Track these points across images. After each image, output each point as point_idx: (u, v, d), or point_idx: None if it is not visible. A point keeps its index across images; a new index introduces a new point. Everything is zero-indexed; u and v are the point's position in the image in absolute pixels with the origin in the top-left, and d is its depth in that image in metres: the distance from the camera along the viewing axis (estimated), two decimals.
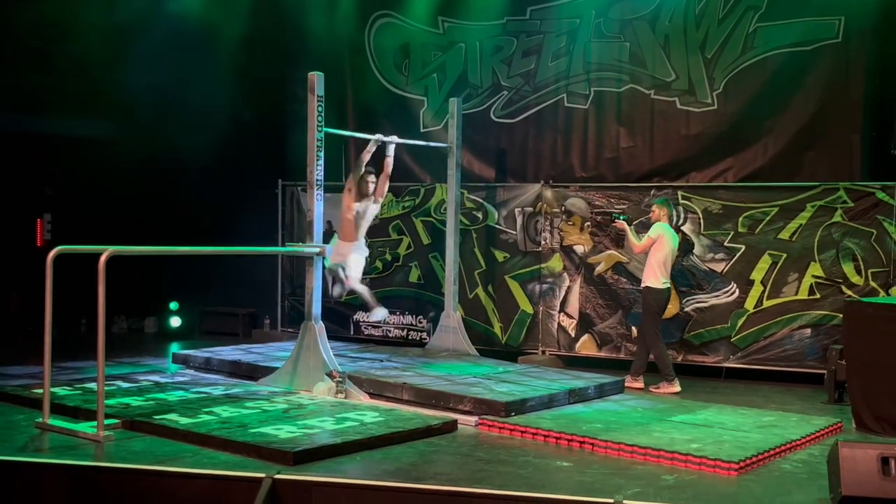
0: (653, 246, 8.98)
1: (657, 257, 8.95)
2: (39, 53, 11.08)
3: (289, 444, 6.20)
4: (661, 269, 8.95)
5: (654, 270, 8.97)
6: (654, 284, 8.98)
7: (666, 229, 9.05)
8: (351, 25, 12.02)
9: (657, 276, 8.96)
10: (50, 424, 6.78)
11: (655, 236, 8.97)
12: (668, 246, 8.99)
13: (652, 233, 9.02)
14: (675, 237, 9.18)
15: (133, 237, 9.33)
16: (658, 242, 8.96)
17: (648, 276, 9.02)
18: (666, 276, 9.01)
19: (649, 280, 9.01)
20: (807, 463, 6.39)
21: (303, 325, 8.51)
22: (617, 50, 10.59)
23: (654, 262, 8.96)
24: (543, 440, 6.85)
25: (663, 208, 9.17)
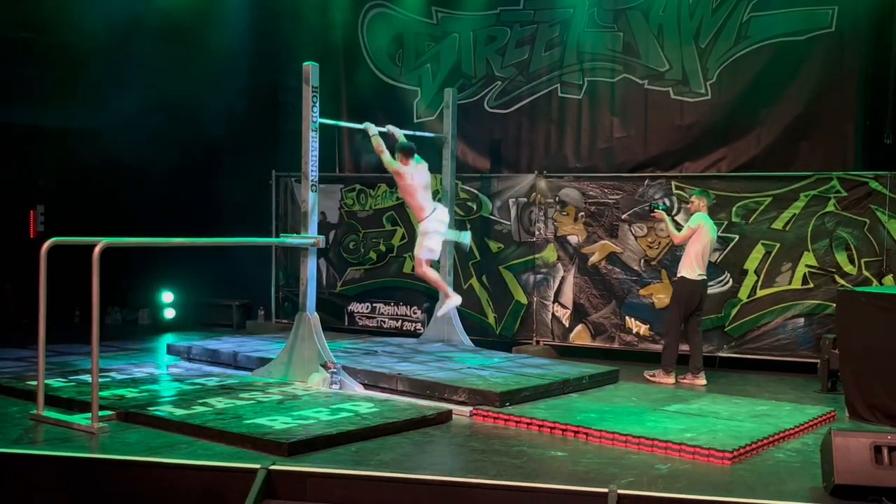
0: (692, 237, 8.84)
1: (696, 248, 8.81)
2: (32, 44, 11.03)
3: (283, 435, 6.20)
4: (698, 260, 8.80)
5: (690, 261, 8.82)
6: (689, 275, 8.82)
7: (706, 220, 8.90)
8: (344, 16, 11.98)
9: (693, 267, 8.80)
10: (44, 416, 6.77)
11: (696, 227, 8.82)
12: (707, 237, 8.85)
13: (692, 223, 8.88)
14: (714, 228, 9.01)
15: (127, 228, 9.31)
16: (698, 233, 8.81)
17: (684, 267, 8.86)
18: (702, 268, 8.84)
19: (684, 270, 8.85)
20: (800, 452, 6.42)
21: (297, 316, 8.51)
22: (611, 40, 10.58)
23: (693, 253, 8.81)
24: (538, 430, 6.86)
25: (702, 199, 9.01)
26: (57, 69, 11.16)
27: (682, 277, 8.88)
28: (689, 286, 8.84)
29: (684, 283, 8.87)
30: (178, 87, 11.34)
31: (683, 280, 8.88)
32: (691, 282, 8.84)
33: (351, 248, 11.82)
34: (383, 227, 11.63)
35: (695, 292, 8.86)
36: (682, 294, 8.89)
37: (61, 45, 11.03)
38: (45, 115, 11.77)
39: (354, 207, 11.80)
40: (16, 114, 11.56)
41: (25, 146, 11.83)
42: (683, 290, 8.88)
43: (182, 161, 12.05)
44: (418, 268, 9.15)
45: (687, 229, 8.90)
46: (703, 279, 8.92)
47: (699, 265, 8.82)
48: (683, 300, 8.88)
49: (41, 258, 6.71)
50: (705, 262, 8.88)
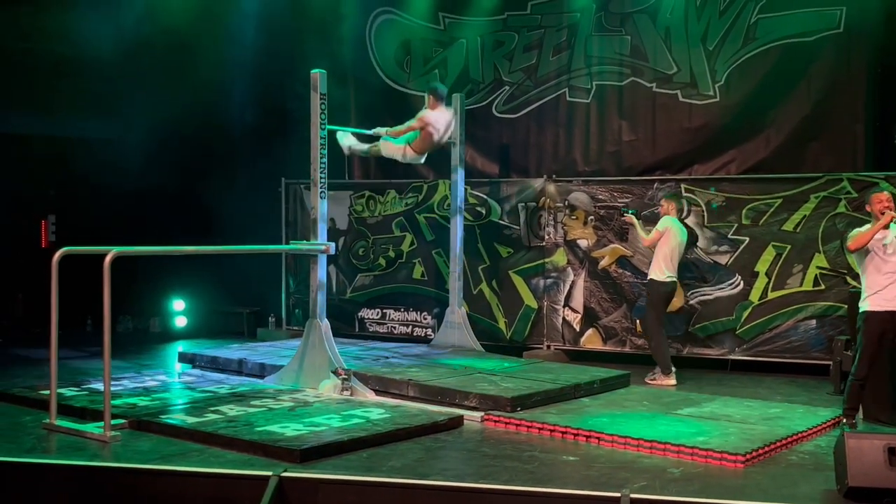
0: (660, 239, 9.00)
1: (664, 250, 8.98)
2: (43, 55, 11.09)
3: (295, 442, 6.21)
4: (666, 262, 8.98)
5: (659, 263, 9.00)
6: (658, 277, 9.01)
7: (674, 223, 9.08)
8: (352, 23, 12.01)
9: (662, 269, 8.99)
10: (57, 425, 6.79)
11: (663, 229, 9.00)
12: (675, 239, 9.02)
13: (660, 226, 9.04)
14: (683, 231, 9.19)
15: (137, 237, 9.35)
16: (665, 236, 8.98)
17: (653, 269, 9.07)
18: (672, 270, 9.03)
19: (654, 272, 9.05)
20: (813, 454, 6.39)
21: (308, 323, 8.52)
22: (618, 43, 10.58)
23: (661, 255, 8.99)
24: (549, 435, 6.85)
25: (672, 202, 9.23)
26: (68, 80, 11.22)
27: (652, 280, 9.10)
28: (659, 287, 9.04)
29: (654, 284, 9.09)
30: (188, 97, 11.39)
31: (653, 282, 9.09)
32: (661, 283, 9.03)
33: (360, 254, 11.84)
34: (392, 233, 11.64)
35: (665, 293, 9.09)
36: (655, 296, 9.10)
37: (73, 57, 11.09)
38: (56, 126, 11.84)
39: (364, 214, 11.81)
40: (26, 124, 11.64)
41: (36, 156, 11.90)
42: (655, 292, 9.09)
43: (192, 170, 12.11)
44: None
45: (654, 232, 9.08)
46: (673, 280, 9.11)
47: (668, 267, 9.01)
48: (656, 301, 9.09)
49: (53, 268, 6.75)
50: (675, 264, 9.07)
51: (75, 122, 11.96)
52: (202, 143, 12.09)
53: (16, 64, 11.02)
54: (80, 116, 11.91)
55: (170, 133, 11.79)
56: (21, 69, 11.08)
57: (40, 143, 11.83)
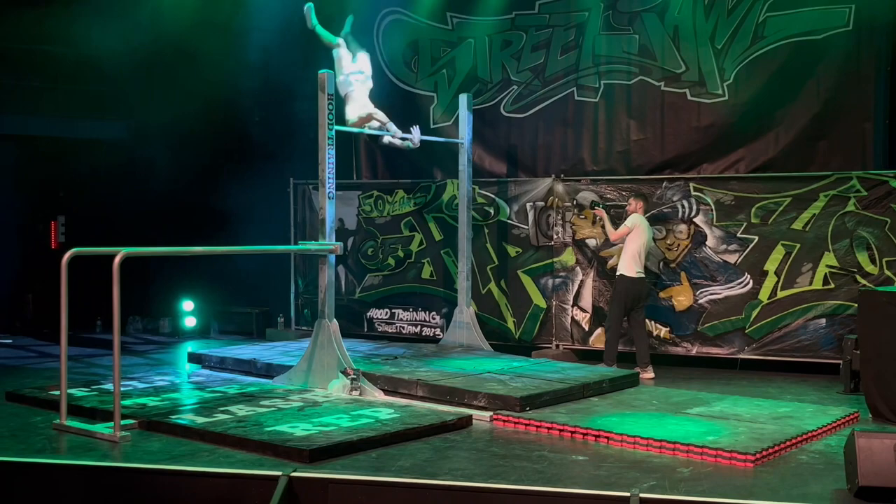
0: (629, 236, 9.30)
1: (633, 247, 9.30)
2: (54, 58, 11.14)
3: (304, 442, 6.22)
4: (635, 259, 9.30)
5: (629, 260, 9.32)
6: (628, 273, 9.32)
7: (641, 220, 9.37)
8: (359, 23, 12.00)
9: (631, 266, 9.30)
10: (67, 426, 6.82)
11: (631, 225, 9.35)
12: (643, 237, 9.33)
13: (628, 222, 9.39)
14: (649, 229, 9.47)
15: (147, 238, 9.37)
16: (635, 232, 9.30)
17: (623, 265, 9.37)
18: (640, 267, 9.33)
19: (624, 268, 9.36)
20: (823, 454, 6.37)
21: (317, 323, 8.53)
22: (626, 42, 10.56)
23: (631, 252, 9.32)
24: (558, 434, 6.85)
25: (639, 201, 9.56)
26: (78, 82, 11.28)
27: (622, 275, 9.39)
28: (627, 283, 9.31)
29: (623, 280, 9.34)
30: (197, 99, 11.43)
31: (623, 278, 9.35)
32: (630, 279, 9.29)
33: (369, 254, 11.85)
34: (401, 232, 11.64)
35: (633, 289, 9.32)
36: (621, 291, 9.36)
37: (83, 59, 11.15)
38: (66, 127, 11.89)
39: (372, 214, 11.82)
40: (36, 126, 11.69)
41: (46, 158, 11.95)
42: (623, 288, 9.35)
43: (201, 171, 12.15)
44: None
45: (623, 227, 9.42)
46: (642, 277, 9.36)
47: (637, 264, 9.29)
48: (623, 297, 9.35)
49: (62, 269, 6.77)
50: (642, 260, 9.37)
51: (85, 124, 12.01)
52: (211, 144, 12.13)
53: (25, 66, 11.07)
54: (90, 118, 11.97)
55: (179, 134, 11.83)
56: (31, 71, 11.13)
57: (50, 144, 11.88)
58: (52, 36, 10.68)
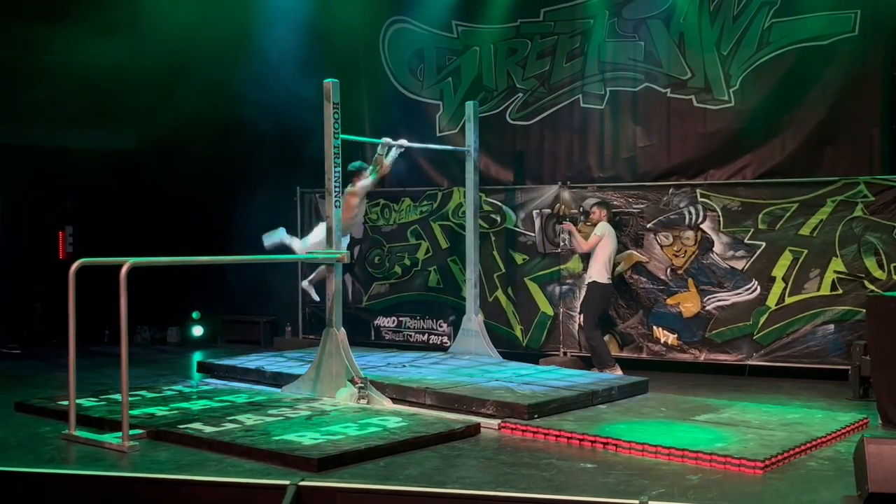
0: (599, 244, 9.59)
1: (604, 254, 9.63)
2: (60, 67, 11.18)
3: (312, 451, 6.21)
4: (606, 266, 9.63)
5: (600, 267, 9.62)
6: (600, 279, 9.64)
7: (610, 228, 9.73)
8: (365, 32, 12.06)
9: (602, 273, 9.62)
10: (76, 436, 6.83)
11: (602, 234, 9.64)
12: (612, 244, 9.69)
13: (598, 231, 9.71)
14: (615, 237, 9.79)
15: (154, 248, 9.40)
16: (605, 240, 9.60)
17: (595, 272, 9.66)
18: (610, 273, 9.64)
19: (596, 275, 9.65)
20: (833, 460, 6.35)
21: (324, 332, 8.53)
22: (631, 49, 10.57)
23: (602, 259, 9.62)
24: (567, 442, 6.83)
25: (603, 210, 9.88)
26: (85, 92, 11.31)
27: (595, 282, 9.69)
28: (601, 290, 9.68)
29: (597, 287, 9.69)
30: (204, 108, 11.45)
31: (596, 284, 9.69)
32: (603, 286, 9.68)
33: (376, 262, 11.86)
34: (408, 241, 11.65)
35: (606, 295, 9.76)
36: (596, 297, 9.71)
37: (89, 69, 11.18)
38: (73, 137, 11.92)
39: (379, 222, 11.83)
40: (44, 136, 11.73)
41: (54, 168, 11.99)
42: (596, 294, 9.69)
43: (207, 180, 12.17)
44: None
45: (594, 237, 9.73)
46: (611, 283, 9.78)
47: (607, 270, 9.67)
48: (598, 302, 9.73)
49: (70, 279, 6.79)
50: (611, 267, 9.71)
51: (93, 134, 12.04)
52: (217, 153, 12.15)
53: (32, 76, 11.11)
54: (98, 128, 12.00)
55: (186, 144, 11.85)
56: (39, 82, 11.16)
57: (58, 154, 11.92)
58: (60, 47, 10.72)
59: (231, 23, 11.50)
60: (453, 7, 11.49)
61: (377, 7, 11.94)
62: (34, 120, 11.43)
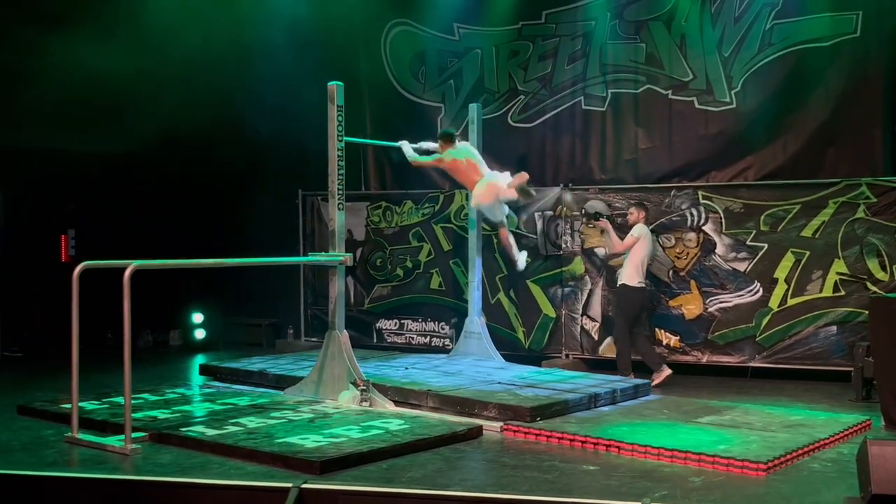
0: (634, 246, 9.31)
1: (638, 257, 9.34)
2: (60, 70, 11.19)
3: (315, 454, 6.22)
4: (638, 269, 9.33)
5: (632, 270, 9.34)
6: (630, 283, 9.35)
7: (647, 231, 9.43)
8: (367, 34, 12.07)
9: (633, 276, 9.33)
10: (79, 439, 6.83)
11: (638, 235, 9.36)
12: (647, 247, 9.38)
13: (634, 232, 9.41)
14: (653, 240, 9.55)
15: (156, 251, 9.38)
16: (640, 243, 9.33)
17: (626, 275, 9.37)
18: (642, 277, 9.37)
19: (626, 278, 9.37)
20: (836, 462, 6.34)
21: (327, 335, 8.53)
22: (633, 51, 10.58)
23: (634, 262, 9.34)
24: (569, 444, 6.83)
25: (641, 211, 9.55)
26: (87, 95, 11.32)
27: (624, 285, 9.40)
28: (630, 293, 9.37)
29: (626, 290, 9.39)
30: (206, 111, 11.46)
31: (625, 287, 9.39)
32: (633, 289, 9.35)
33: (378, 265, 11.86)
34: (410, 243, 11.65)
35: (636, 299, 9.39)
36: (625, 302, 9.43)
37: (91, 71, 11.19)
38: (76, 140, 11.92)
39: (381, 224, 11.84)
40: (46, 139, 11.73)
41: (56, 171, 11.99)
42: (625, 298, 9.41)
43: (210, 183, 12.17)
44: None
45: (630, 237, 9.42)
46: (643, 287, 9.41)
47: (639, 274, 9.34)
48: (627, 307, 9.40)
49: (73, 281, 6.80)
50: (645, 271, 9.46)
51: (94, 137, 12.04)
52: (220, 156, 12.15)
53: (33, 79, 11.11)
54: (100, 131, 12.00)
55: (188, 147, 11.86)
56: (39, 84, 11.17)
57: (60, 157, 11.93)
58: (61, 50, 10.72)
59: (233, 27, 11.50)
60: (454, 9, 11.49)
61: (378, 9, 11.94)
62: (36, 123, 11.43)
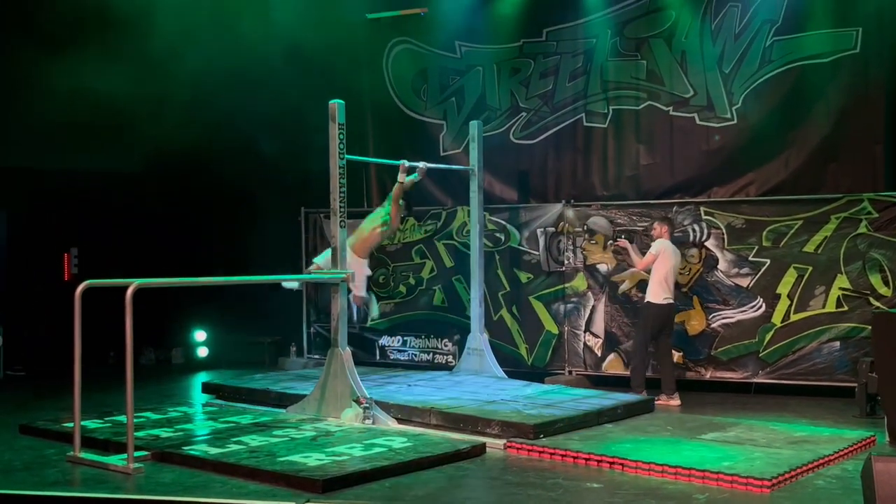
0: (655, 262, 9.16)
1: (660, 273, 9.18)
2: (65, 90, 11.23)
3: (318, 472, 6.20)
4: (661, 285, 9.16)
5: (656, 286, 9.19)
6: (655, 300, 9.20)
7: (667, 245, 9.24)
8: (369, 52, 12.11)
9: (658, 292, 9.18)
10: (81, 458, 6.82)
11: (656, 252, 9.21)
12: (670, 261, 9.20)
13: (653, 249, 9.26)
14: (676, 253, 9.35)
15: (158, 269, 9.40)
16: (661, 259, 9.17)
17: (650, 291, 9.25)
18: (668, 293, 9.20)
19: (650, 295, 9.24)
20: (840, 478, 6.31)
21: (329, 352, 8.53)
22: (634, 68, 10.61)
23: (658, 278, 9.19)
24: (573, 462, 6.81)
25: (664, 225, 9.42)
26: (91, 115, 11.36)
27: (649, 302, 9.26)
28: (654, 310, 9.22)
29: (650, 307, 9.26)
30: (208, 130, 11.49)
31: (649, 304, 9.26)
32: (657, 306, 9.19)
33: (381, 281, 11.86)
34: (412, 260, 11.66)
35: (660, 315, 9.23)
36: (648, 318, 9.27)
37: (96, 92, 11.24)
38: (79, 160, 11.96)
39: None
40: (49, 158, 11.76)
41: (59, 190, 12.02)
42: (650, 315, 9.25)
43: (212, 201, 12.20)
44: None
45: (648, 255, 9.30)
46: (670, 303, 9.26)
47: (664, 289, 9.17)
48: (650, 324, 9.24)
49: (76, 300, 6.80)
50: (670, 286, 9.22)
51: (97, 156, 12.08)
52: (222, 174, 12.18)
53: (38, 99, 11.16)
54: (103, 150, 12.04)
55: (190, 165, 11.89)
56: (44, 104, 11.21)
57: (62, 176, 11.96)
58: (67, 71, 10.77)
59: (236, 46, 11.55)
60: (456, 27, 11.53)
61: (381, 28, 11.99)
62: (40, 143, 11.47)
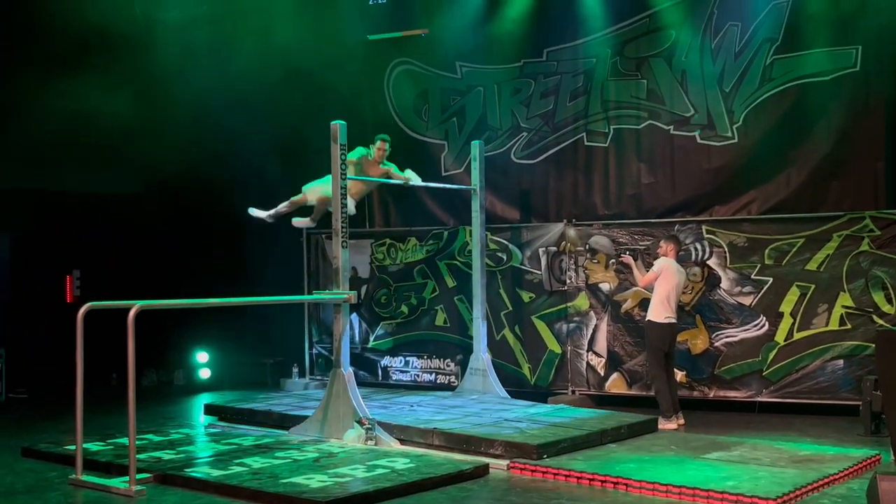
0: (657, 281, 9.05)
1: (662, 291, 9.06)
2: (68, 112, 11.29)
3: (320, 494, 6.17)
4: (663, 303, 9.04)
5: (657, 305, 9.07)
6: (657, 318, 9.08)
7: (671, 264, 9.13)
8: (370, 73, 12.16)
9: (660, 311, 9.05)
10: (83, 481, 6.80)
11: (659, 270, 9.10)
12: (672, 280, 9.07)
13: (655, 267, 9.16)
14: (680, 272, 9.23)
15: (161, 291, 9.41)
16: (663, 276, 9.05)
17: (652, 311, 9.13)
18: (670, 311, 9.07)
19: (652, 314, 9.12)
20: (846, 497, 6.28)
21: (332, 373, 8.51)
22: (634, 87, 10.65)
23: (659, 297, 9.07)
24: (576, 482, 6.78)
25: (670, 244, 9.29)
26: (93, 136, 11.41)
27: (651, 322, 9.13)
28: (657, 330, 9.07)
29: (652, 326, 9.13)
30: (210, 152, 11.52)
31: (651, 324, 9.14)
32: (659, 325, 9.06)
33: (383, 302, 11.85)
34: (414, 280, 11.65)
35: (663, 335, 9.07)
36: (653, 338, 9.14)
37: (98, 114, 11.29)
38: (82, 181, 11.99)
39: (385, 262, 11.85)
40: (51, 180, 11.80)
41: (61, 211, 12.05)
42: (653, 334, 9.12)
43: (214, 223, 12.21)
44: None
45: (650, 273, 9.17)
46: (672, 322, 9.12)
47: (666, 308, 9.03)
48: (657, 343, 9.10)
49: (78, 322, 6.80)
50: (673, 305, 9.09)
51: (99, 177, 12.12)
52: (223, 196, 12.20)
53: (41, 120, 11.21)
54: (105, 172, 12.07)
55: (192, 187, 11.92)
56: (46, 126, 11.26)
57: (65, 198, 11.99)
58: (70, 93, 10.82)
59: (237, 67, 11.61)
60: (457, 48, 11.58)
61: (382, 49, 12.04)
62: (42, 164, 11.51)
